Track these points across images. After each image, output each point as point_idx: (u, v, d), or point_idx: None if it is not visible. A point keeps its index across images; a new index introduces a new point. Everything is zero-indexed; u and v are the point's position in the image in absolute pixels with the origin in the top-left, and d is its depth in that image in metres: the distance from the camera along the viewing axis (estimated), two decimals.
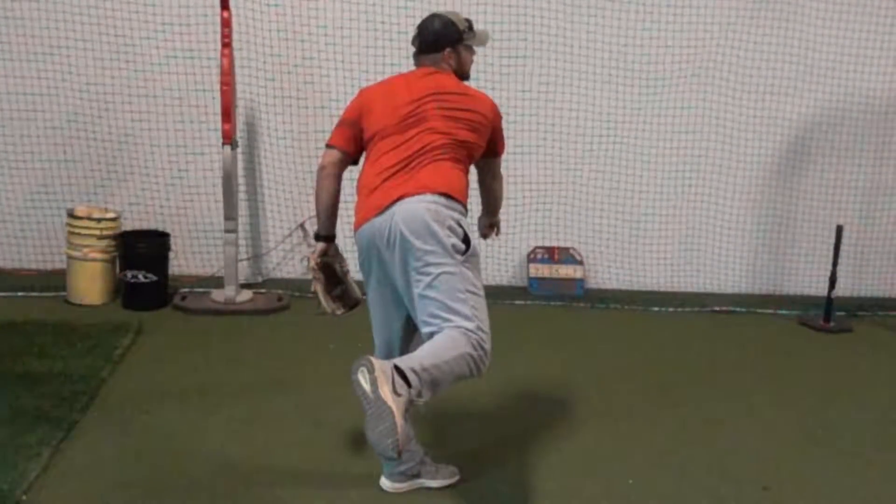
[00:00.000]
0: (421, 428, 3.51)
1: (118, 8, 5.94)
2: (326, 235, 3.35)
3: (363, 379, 2.67)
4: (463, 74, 3.34)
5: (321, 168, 3.27)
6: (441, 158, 3.08)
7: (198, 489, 3.33)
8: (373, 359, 2.71)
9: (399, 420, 2.61)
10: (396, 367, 2.72)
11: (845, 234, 6.04)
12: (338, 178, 3.27)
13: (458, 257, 2.97)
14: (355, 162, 3.31)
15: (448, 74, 3.27)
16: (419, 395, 2.75)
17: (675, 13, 6.24)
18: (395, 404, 2.62)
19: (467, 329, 2.91)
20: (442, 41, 3.26)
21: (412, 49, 3.35)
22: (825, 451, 3.98)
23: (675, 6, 6.23)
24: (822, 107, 6.50)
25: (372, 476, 3.40)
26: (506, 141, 3.46)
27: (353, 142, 3.24)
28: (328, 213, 3.29)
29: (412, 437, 3.29)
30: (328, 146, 3.27)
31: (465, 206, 3.11)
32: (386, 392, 2.63)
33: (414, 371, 2.74)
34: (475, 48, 3.39)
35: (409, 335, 3.23)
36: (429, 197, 3.00)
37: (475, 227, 3.45)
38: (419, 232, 2.96)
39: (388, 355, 3.22)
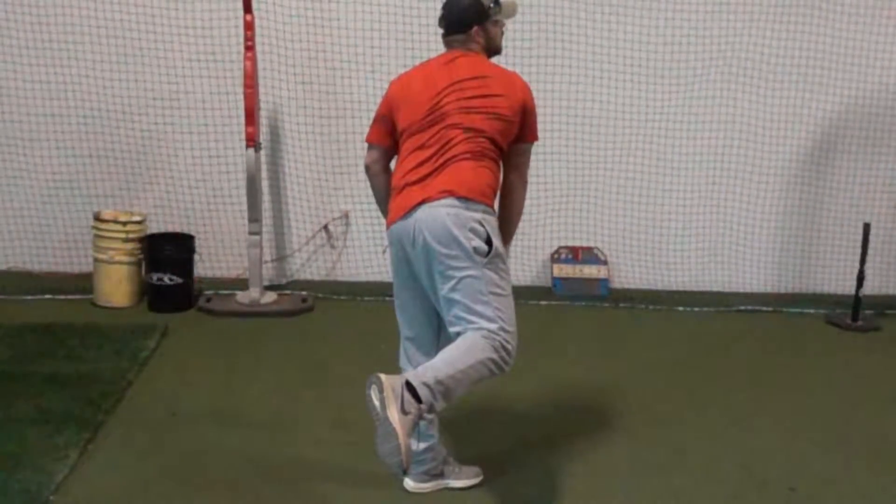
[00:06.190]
0: (445, 428, 3.52)
1: (143, 13, 5.98)
2: None
3: (374, 396, 2.74)
4: (494, 50, 3.29)
5: (366, 168, 3.33)
6: (462, 158, 3.06)
7: (224, 489, 3.35)
8: (383, 377, 2.75)
9: (404, 440, 2.66)
10: (408, 384, 2.74)
11: (873, 231, 5.97)
12: (385, 172, 3.31)
13: (481, 259, 2.97)
14: (397, 153, 3.29)
15: (473, 56, 3.20)
16: (431, 408, 2.78)
17: (699, 9, 6.19)
18: (400, 425, 2.67)
19: (490, 331, 2.93)
20: (468, 20, 3.20)
21: (440, 32, 3.29)
22: (852, 451, 3.93)
23: (700, 3, 6.19)
24: (849, 103, 6.43)
25: (396, 476, 3.40)
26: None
27: (388, 136, 3.25)
28: (387, 204, 3.26)
29: (422, 449, 3.32)
30: (367, 143, 3.31)
31: (489, 205, 3.08)
32: (393, 412, 2.68)
33: (426, 385, 2.76)
34: (504, 21, 3.31)
35: (440, 328, 3.23)
36: (449, 201, 2.99)
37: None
38: (441, 237, 2.97)
39: (421, 349, 3.25)
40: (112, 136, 6.16)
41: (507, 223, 3.28)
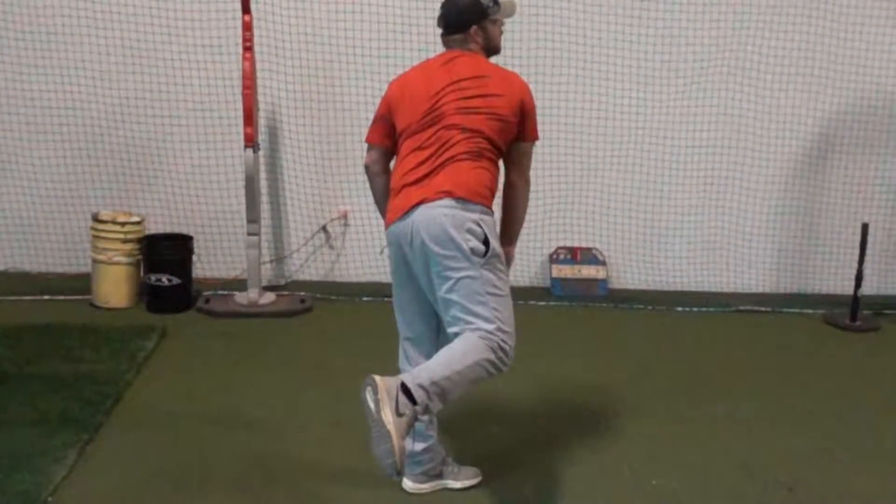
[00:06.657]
0: (444, 429, 3.51)
1: (140, 13, 5.98)
2: None
3: (369, 398, 2.74)
4: (493, 49, 3.28)
5: (366, 168, 3.33)
6: (460, 159, 3.05)
7: (223, 489, 3.35)
8: (377, 378, 2.75)
9: (398, 442, 2.66)
10: (403, 385, 2.74)
11: (871, 231, 5.98)
12: (384, 173, 3.30)
13: (479, 260, 2.96)
14: (397, 153, 3.28)
15: (471, 56, 3.19)
16: (426, 410, 2.77)
17: (696, 10, 6.19)
18: (394, 427, 2.67)
19: (487, 331, 2.93)
20: (467, 19, 3.19)
21: (439, 32, 3.28)
22: (851, 451, 3.93)
23: (697, 3, 6.19)
24: (847, 103, 6.43)
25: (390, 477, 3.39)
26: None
27: (388, 136, 3.24)
28: (386, 205, 3.25)
29: (420, 449, 3.32)
30: (367, 144, 3.30)
31: (486, 206, 3.07)
32: (387, 414, 2.68)
33: (422, 387, 2.76)
34: (503, 20, 3.30)
35: (439, 328, 3.22)
36: (446, 202, 2.99)
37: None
38: (438, 238, 2.97)
39: (421, 350, 3.25)
40: (110, 137, 6.16)
41: (512, 223, 3.29)
